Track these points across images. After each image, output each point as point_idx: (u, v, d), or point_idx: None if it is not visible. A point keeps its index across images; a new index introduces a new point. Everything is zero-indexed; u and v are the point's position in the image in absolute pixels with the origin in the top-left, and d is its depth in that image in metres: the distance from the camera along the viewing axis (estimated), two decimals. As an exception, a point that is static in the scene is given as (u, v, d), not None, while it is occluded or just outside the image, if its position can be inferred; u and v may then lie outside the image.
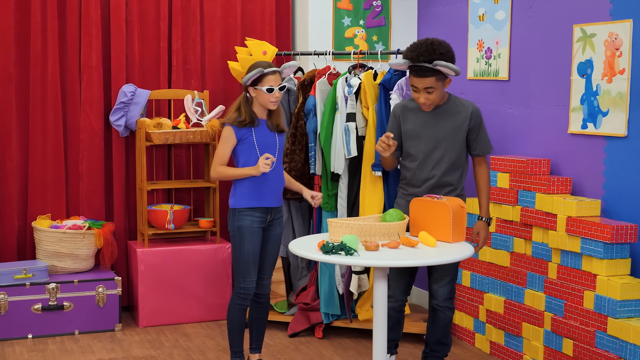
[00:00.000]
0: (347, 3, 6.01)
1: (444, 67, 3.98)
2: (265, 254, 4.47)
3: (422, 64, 4.01)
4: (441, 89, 4.10)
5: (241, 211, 4.34)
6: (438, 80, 4.05)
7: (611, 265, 4.21)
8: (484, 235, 4.30)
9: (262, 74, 4.26)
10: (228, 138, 4.31)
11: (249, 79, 4.27)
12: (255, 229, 4.35)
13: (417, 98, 4.11)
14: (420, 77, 4.04)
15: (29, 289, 5.30)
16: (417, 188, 4.25)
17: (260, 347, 4.65)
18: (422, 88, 4.06)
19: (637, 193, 4.29)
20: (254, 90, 4.30)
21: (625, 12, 4.32)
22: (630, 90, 4.29)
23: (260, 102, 4.32)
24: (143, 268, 5.55)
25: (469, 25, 5.54)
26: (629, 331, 4.01)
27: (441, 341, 4.38)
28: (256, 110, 4.35)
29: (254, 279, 4.39)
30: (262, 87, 4.27)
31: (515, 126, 5.19)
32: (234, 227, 4.36)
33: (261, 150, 4.33)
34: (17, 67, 5.61)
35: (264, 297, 4.55)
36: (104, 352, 5.09)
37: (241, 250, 4.35)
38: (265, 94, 4.28)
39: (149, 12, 5.88)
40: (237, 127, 4.30)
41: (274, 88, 4.27)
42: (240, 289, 4.39)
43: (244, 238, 4.33)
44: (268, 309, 4.60)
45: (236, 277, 4.41)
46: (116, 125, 5.72)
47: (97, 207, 5.80)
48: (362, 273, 5.23)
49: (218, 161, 4.34)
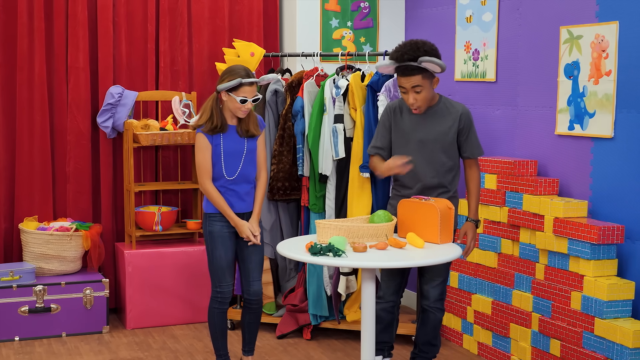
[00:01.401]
0: (335, 4, 6.01)
1: (429, 62, 3.97)
2: (245, 257, 4.42)
3: (407, 63, 4.02)
4: (429, 89, 4.10)
5: (212, 216, 4.32)
6: (425, 78, 4.05)
7: (598, 266, 4.23)
8: (472, 236, 4.30)
9: (240, 84, 4.19)
10: (205, 146, 4.24)
11: (226, 87, 4.18)
12: (225, 233, 4.32)
13: (407, 99, 4.11)
14: (407, 76, 4.04)
15: (15, 291, 5.27)
16: (409, 189, 4.25)
17: (253, 349, 4.63)
18: (409, 87, 4.06)
19: (624, 194, 4.31)
20: (226, 95, 4.22)
21: (612, 14, 4.34)
22: (616, 91, 4.31)
23: (229, 108, 4.25)
24: (130, 270, 5.53)
25: (457, 26, 5.56)
26: (616, 332, 4.03)
27: (430, 342, 4.39)
28: (226, 115, 4.29)
29: (230, 282, 4.38)
30: (237, 97, 4.19)
31: (502, 127, 5.20)
32: (205, 232, 4.35)
33: (226, 158, 4.27)
34: (3, 68, 5.59)
35: (255, 303, 4.49)
36: (92, 354, 5.07)
37: (214, 255, 4.33)
38: (237, 103, 4.21)
39: (136, 14, 5.86)
40: (209, 134, 4.24)
41: (247, 99, 4.21)
42: (216, 293, 4.38)
43: (215, 243, 4.32)
44: (260, 313, 4.55)
45: (212, 282, 4.40)
46: (103, 127, 5.70)
47: (85, 208, 5.78)
48: (350, 274, 5.23)
49: (203, 173, 4.26)
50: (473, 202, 4.31)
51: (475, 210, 4.32)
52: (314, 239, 4.11)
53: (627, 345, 3.97)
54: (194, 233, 5.90)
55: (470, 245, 4.31)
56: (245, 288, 4.47)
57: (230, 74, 4.22)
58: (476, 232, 4.36)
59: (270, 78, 4.42)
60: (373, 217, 4.09)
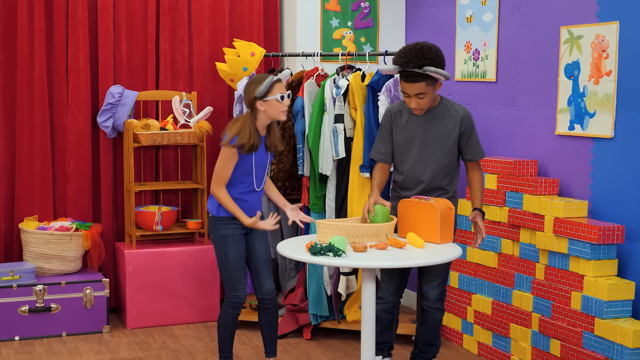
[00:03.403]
0: (335, 4, 6.01)
1: (434, 72, 3.96)
2: (255, 255, 4.40)
3: (411, 70, 4.00)
4: (432, 93, 4.09)
5: (222, 219, 4.27)
6: (428, 85, 4.03)
7: (598, 266, 4.23)
8: (481, 224, 4.18)
9: (272, 83, 4.12)
10: (232, 158, 4.16)
11: (263, 90, 4.09)
12: (237, 235, 4.29)
13: (409, 103, 4.10)
14: (411, 83, 4.02)
15: (15, 291, 5.28)
16: (409, 191, 4.25)
17: (275, 350, 4.53)
18: (413, 94, 4.05)
19: (624, 194, 4.31)
20: (263, 104, 4.14)
21: (612, 14, 4.34)
22: (617, 91, 4.31)
23: (270, 114, 4.16)
24: (131, 269, 5.53)
25: (457, 26, 5.56)
26: (616, 332, 4.03)
27: (430, 342, 4.39)
28: (259, 127, 4.20)
29: (245, 285, 4.34)
30: (274, 96, 4.13)
31: (502, 127, 5.20)
32: (216, 236, 4.29)
33: (256, 171, 4.25)
34: (3, 68, 5.59)
35: (270, 302, 4.43)
36: (92, 354, 5.07)
37: (228, 259, 4.28)
38: (277, 103, 4.14)
39: (136, 13, 5.86)
40: (241, 153, 4.16)
41: (284, 95, 4.17)
42: (232, 297, 4.31)
43: (229, 246, 4.27)
44: (277, 312, 4.47)
45: (227, 286, 4.32)
46: (104, 127, 5.70)
47: (85, 208, 5.78)
48: (350, 274, 5.23)
49: (220, 180, 4.19)
50: (478, 195, 4.25)
51: (480, 202, 4.26)
52: (314, 238, 4.11)
53: (627, 345, 3.97)
54: (194, 233, 5.90)
55: (481, 230, 4.18)
56: (257, 288, 4.42)
57: (255, 82, 4.15)
58: (484, 220, 4.24)
59: (287, 74, 4.40)
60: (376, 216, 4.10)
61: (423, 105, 4.10)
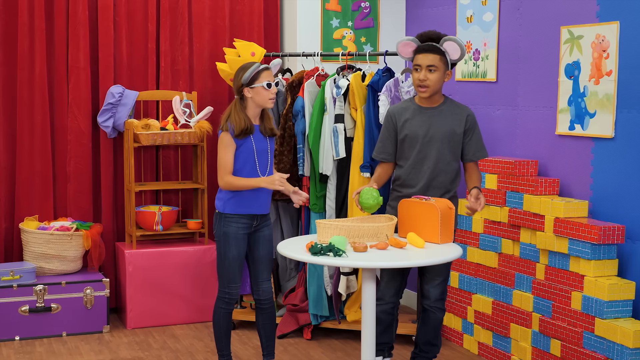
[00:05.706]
0: (336, 4, 6.01)
1: (452, 41, 4.12)
2: (257, 257, 4.40)
3: (428, 43, 4.15)
4: (442, 75, 4.17)
5: (227, 216, 4.28)
6: (442, 61, 4.15)
7: (599, 266, 4.23)
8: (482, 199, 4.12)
9: (258, 70, 4.19)
10: (229, 143, 4.20)
11: (249, 77, 4.17)
12: (240, 235, 4.30)
13: (417, 77, 4.17)
14: (426, 53, 4.14)
15: (16, 291, 5.28)
16: (411, 189, 4.26)
17: (273, 352, 4.53)
18: (425, 65, 4.13)
19: (624, 194, 4.31)
20: (250, 90, 4.20)
21: (612, 14, 4.34)
22: (617, 91, 4.31)
23: (257, 101, 4.22)
24: (131, 269, 5.53)
25: (457, 26, 5.56)
26: (616, 332, 4.03)
27: (431, 342, 4.39)
28: (250, 115, 4.25)
29: (239, 284, 4.36)
30: (261, 83, 4.19)
31: (503, 127, 5.20)
32: (219, 232, 4.31)
33: (258, 157, 4.28)
34: (4, 67, 5.59)
35: (266, 303, 4.45)
36: (92, 354, 5.07)
37: (226, 256, 4.30)
38: (264, 91, 4.19)
39: (136, 13, 5.86)
40: (238, 139, 4.19)
41: (271, 83, 4.21)
42: (224, 293, 4.35)
43: (229, 244, 4.29)
44: (274, 313, 4.49)
45: (221, 282, 4.36)
46: (104, 127, 5.70)
47: (85, 208, 5.78)
48: (350, 274, 5.23)
49: (225, 170, 4.21)
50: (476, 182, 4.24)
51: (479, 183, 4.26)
52: (314, 238, 4.11)
53: (627, 345, 3.97)
54: (195, 233, 5.90)
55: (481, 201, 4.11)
56: (254, 289, 4.44)
57: (242, 69, 4.24)
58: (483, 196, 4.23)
59: (278, 63, 4.47)
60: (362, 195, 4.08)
61: (431, 82, 4.14)
